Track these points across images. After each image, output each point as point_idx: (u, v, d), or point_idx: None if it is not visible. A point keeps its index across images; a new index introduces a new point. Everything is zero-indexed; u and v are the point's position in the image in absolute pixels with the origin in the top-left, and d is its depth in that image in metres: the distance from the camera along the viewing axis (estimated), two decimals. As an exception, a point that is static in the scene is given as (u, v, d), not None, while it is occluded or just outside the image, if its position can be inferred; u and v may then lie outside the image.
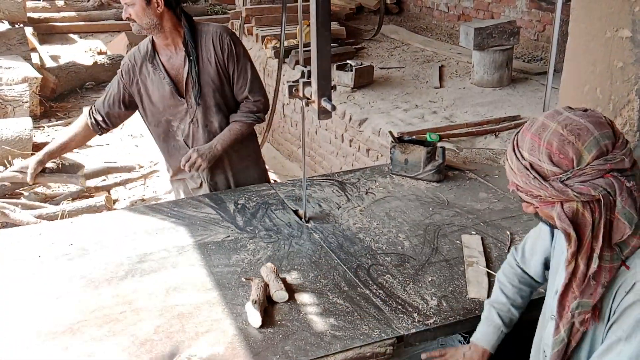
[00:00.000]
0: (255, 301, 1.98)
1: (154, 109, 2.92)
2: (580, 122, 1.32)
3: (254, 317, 1.94)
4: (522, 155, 1.37)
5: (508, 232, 2.52)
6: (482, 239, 2.47)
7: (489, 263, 2.31)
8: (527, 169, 1.35)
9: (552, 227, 1.49)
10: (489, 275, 2.22)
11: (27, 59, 5.12)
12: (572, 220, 1.35)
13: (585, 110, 1.37)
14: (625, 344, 1.34)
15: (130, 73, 2.88)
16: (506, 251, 2.38)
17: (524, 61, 7.00)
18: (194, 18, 2.86)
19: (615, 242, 1.35)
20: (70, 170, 3.03)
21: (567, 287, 1.44)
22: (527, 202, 1.45)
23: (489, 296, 2.05)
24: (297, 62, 2.53)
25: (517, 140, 1.41)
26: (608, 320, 1.40)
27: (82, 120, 3.00)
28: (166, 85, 2.84)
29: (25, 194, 3.63)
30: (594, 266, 1.36)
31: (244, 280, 2.18)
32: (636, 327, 1.32)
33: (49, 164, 2.86)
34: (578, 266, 1.40)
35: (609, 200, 1.31)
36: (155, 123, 2.96)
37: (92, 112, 2.97)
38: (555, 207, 1.37)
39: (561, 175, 1.32)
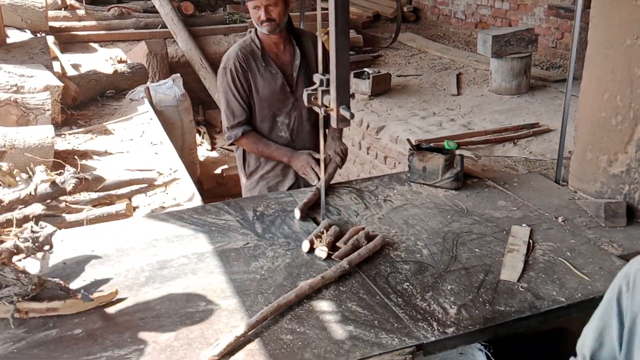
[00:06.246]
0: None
1: (261, 104, 3.10)
2: None
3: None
4: None
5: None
6: (531, 230, 2.58)
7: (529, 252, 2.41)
8: None
9: None
10: (525, 262, 2.33)
11: (49, 68, 5.17)
12: None
13: None
14: None
15: (245, 73, 3.04)
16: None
17: (542, 69, 6.96)
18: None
19: None
20: (92, 185, 3.06)
21: None
22: None
23: (519, 280, 2.20)
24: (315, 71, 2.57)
25: None
26: None
27: (250, 140, 3.13)
28: (279, 80, 3.07)
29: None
30: None
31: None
32: None
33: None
34: None
35: None
36: (261, 119, 3.13)
37: (244, 130, 3.09)
38: None
39: None
